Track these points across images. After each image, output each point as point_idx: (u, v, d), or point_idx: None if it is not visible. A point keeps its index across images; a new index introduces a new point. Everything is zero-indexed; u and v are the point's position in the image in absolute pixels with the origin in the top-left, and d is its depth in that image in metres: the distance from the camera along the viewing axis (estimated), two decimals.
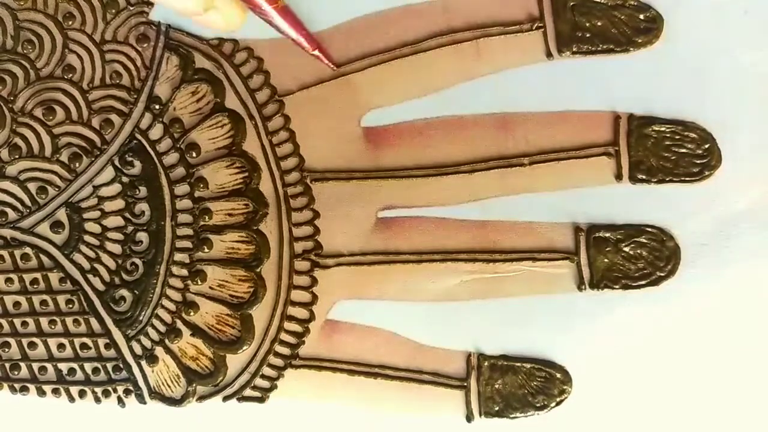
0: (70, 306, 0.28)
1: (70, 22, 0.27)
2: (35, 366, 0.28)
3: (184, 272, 0.27)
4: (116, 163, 0.27)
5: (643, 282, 0.27)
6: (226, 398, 0.28)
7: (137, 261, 0.28)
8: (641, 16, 0.26)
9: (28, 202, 0.28)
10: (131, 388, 0.28)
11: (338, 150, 0.27)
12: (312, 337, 0.28)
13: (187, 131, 0.27)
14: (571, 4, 0.26)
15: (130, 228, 0.28)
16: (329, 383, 0.27)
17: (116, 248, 0.28)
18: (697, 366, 0.27)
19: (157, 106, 0.27)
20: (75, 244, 0.28)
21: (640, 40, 0.26)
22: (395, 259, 0.27)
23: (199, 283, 0.27)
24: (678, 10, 0.26)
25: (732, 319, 0.27)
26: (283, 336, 0.27)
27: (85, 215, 0.28)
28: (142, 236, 0.27)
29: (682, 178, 0.26)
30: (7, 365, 0.28)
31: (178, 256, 0.27)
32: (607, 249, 0.27)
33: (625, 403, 0.27)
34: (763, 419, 0.27)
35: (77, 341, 0.28)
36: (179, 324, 0.28)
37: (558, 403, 0.27)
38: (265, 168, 0.27)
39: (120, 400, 0.28)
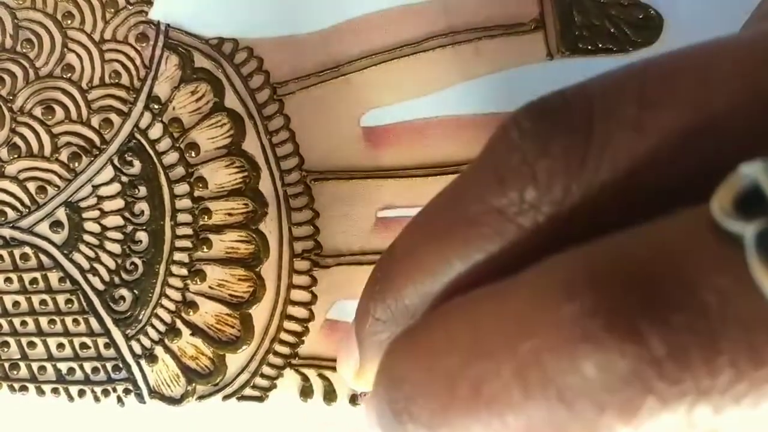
0: (70, 305, 0.28)
1: (69, 21, 0.27)
2: (34, 365, 0.28)
3: (184, 272, 0.27)
4: (116, 162, 0.27)
5: None
6: (225, 397, 0.28)
7: (137, 260, 0.28)
8: (641, 16, 0.26)
9: (27, 201, 0.28)
10: (131, 387, 0.28)
11: (338, 150, 0.27)
12: (311, 337, 0.28)
13: (187, 131, 0.27)
14: (571, 4, 0.26)
15: (130, 227, 0.28)
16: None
17: (116, 248, 0.28)
18: None
19: (156, 106, 0.27)
20: (74, 243, 0.28)
21: (639, 40, 0.26)
22: None
23: (199, 282, 0.27)
24: (678, 10, 0.26)
25: None
26: (283, 335, 0.27)
27: (85, 215, 0.28)
28: (142, 236, 0.27)
29: None
30: (6, 365, 0.28)
31: (178, 256, 0.27)
32: None
33: None
34: None
35: (77, 341, 0.28)
36: (179, 323, 0.28)
37: None
38: (264, 168, 0.27)
39: (119, 400, 0.28)
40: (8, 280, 0.28)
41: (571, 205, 0.14)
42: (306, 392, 0.27)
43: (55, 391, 0.28)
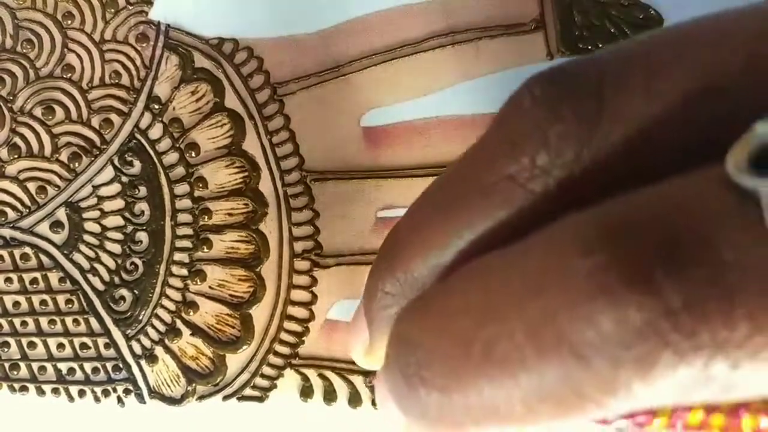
0: (70, 306, 0.28)
1: (70, 22, 0.27)
2: (35, 366, 0.28)
3: (184, 272, 0.27)
4: (116, 162, 0.27)
5: None
6: (225, 398, 0.28)
7: (137, 260, 0.28)
8: (641, 16, 0.26)
9: (27, 201, 0.28)
10: (131, 387, 0.28)
11: (338, 150, 0.27)
12: (311, 337, 0.28)
13: (187, 131, 0.27)
14: (571, 4, 0.26)
15: (130, 227, 0.28)
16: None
17: (116, 248, 0.28)
18: None
19: (156, 106, 0.27)
20: (74, 243, 0.28)
21: None
22: None
23: (199, 282, 0.27)
24: (678, 10, 0.26)
25: None
26: (283, 335, 0.27)
27: (85, 215, 0.28)
28: (142, 236, 0.27)
29: None
30: (7, 365, 0.28)
31: (178, 256, 0.27)
32: None
33: None
34: None
35: (77, 341, 0.28)
36: (179, 324, 0.28)
37: None
38: (264, 168, 0.27)
39: (119, 400, 0.28)
40: (8, 280, 0.28)
41: (581, 170, 0.14)
42: (306, 392, 0.27)
43: (55, 391, 0.28)
